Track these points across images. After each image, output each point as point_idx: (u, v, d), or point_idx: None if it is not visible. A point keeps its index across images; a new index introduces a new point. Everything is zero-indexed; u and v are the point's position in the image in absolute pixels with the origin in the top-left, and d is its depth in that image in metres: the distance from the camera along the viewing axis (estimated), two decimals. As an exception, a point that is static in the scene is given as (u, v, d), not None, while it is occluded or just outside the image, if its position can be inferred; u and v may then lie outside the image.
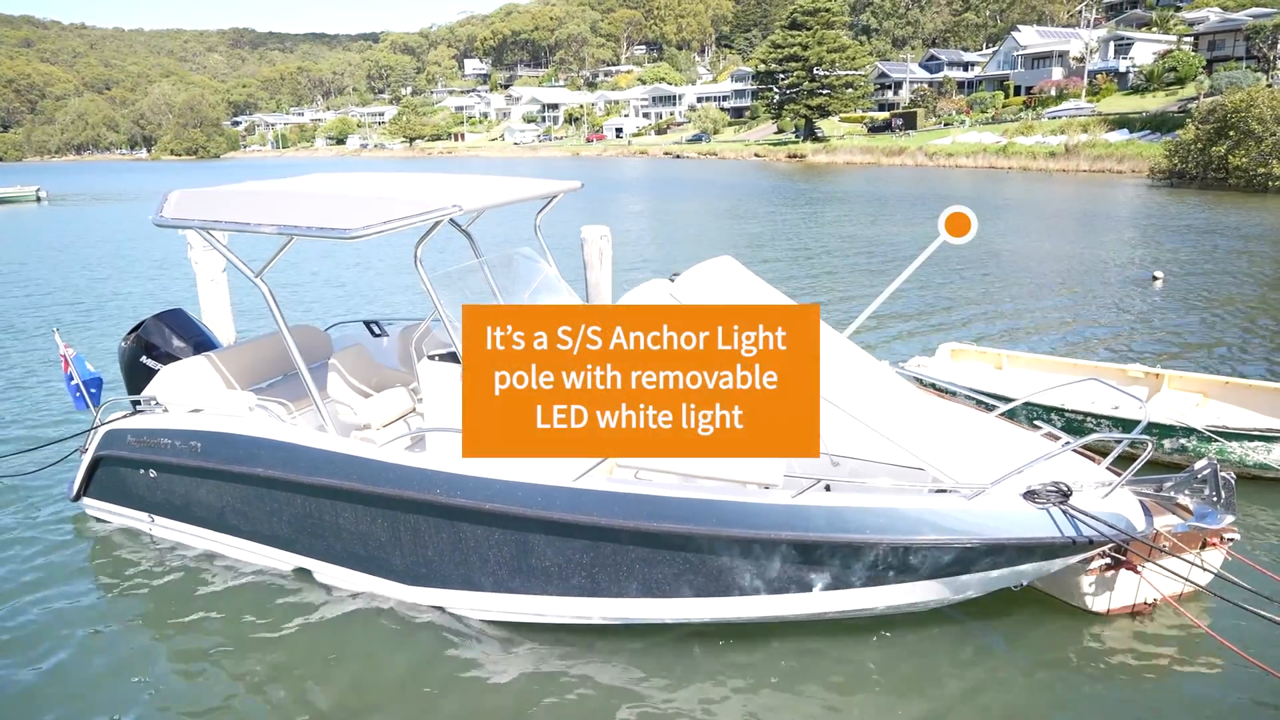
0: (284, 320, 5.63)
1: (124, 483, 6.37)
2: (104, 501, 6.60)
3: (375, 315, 8.53)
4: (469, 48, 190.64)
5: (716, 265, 5.53)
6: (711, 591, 4.74)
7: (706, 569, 4.67)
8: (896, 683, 4.69)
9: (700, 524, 4.51)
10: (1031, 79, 71.09)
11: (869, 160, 64.91)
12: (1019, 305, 14.44)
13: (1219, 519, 5.04)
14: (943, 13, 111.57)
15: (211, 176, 71.15)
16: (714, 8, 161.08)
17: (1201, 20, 66.85)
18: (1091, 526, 4.41)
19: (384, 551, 5.33)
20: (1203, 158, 37.94)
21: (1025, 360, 8.94)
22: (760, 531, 4.47)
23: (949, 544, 4.44)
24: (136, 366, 6.63)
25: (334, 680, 4.84)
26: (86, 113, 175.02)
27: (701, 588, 4.74)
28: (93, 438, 6.43)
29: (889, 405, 5.05)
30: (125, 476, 6.32)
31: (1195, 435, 6.96)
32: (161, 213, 5.75)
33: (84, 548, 6.46)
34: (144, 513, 6.38)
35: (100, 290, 18.00)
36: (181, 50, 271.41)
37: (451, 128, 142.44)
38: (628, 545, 4.71)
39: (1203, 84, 53.20)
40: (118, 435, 6.21)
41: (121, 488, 6.41)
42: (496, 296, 6.11)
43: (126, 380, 6.76)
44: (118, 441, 6.20)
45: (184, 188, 6.04)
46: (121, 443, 6.18)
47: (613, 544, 4.73)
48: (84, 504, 6.77)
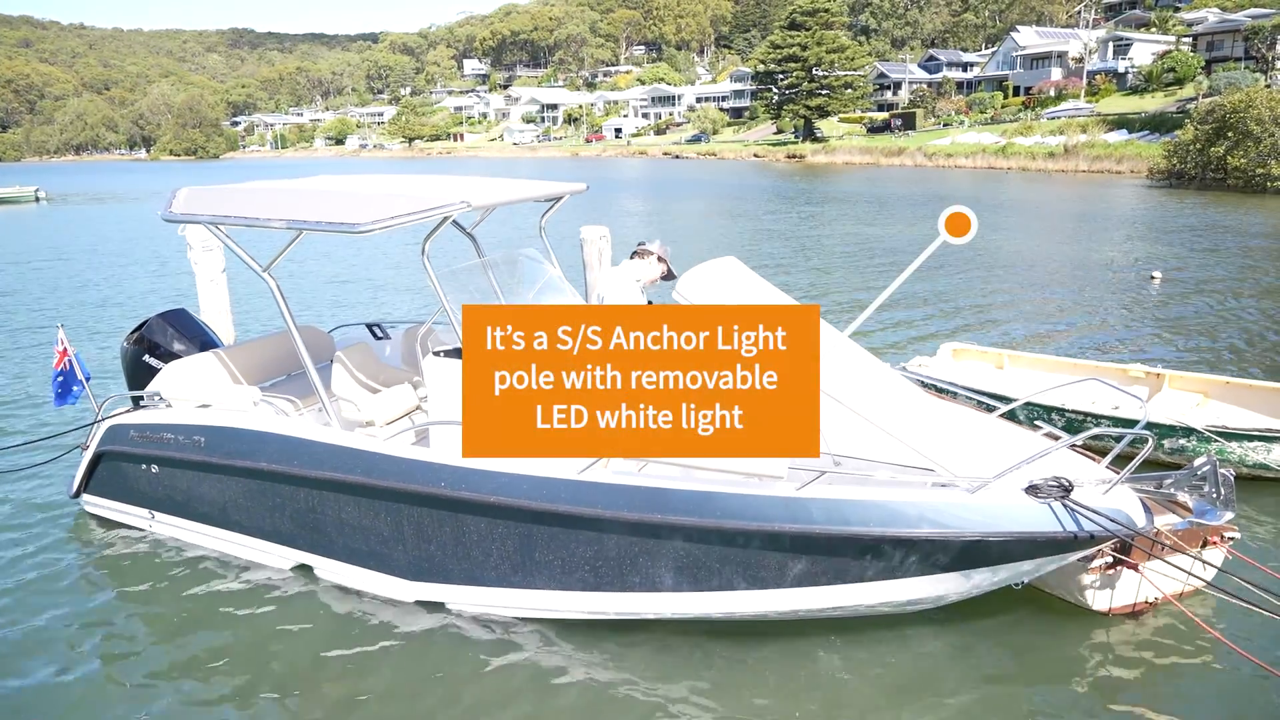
0: (291, 315, 5.67)
1: (125, 479, 6.36)
2: (105, 498, 6.59)
3: (376, 318, 8.55)
4: (468, 48, 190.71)
5: (720, 265, 5.53)
6: (714, 585, 4.74)
7: (709, 562, 4.67)
8: (894, 680, 4.69)
9: (703, 516, 4.50)
10: (1030, 79, 71.14)
11: (868, 160, 64.96)
12: (1018, 305, 14.44)
13: (1219, 516, 5.04)
14: (941, 13, 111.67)
15: (211, 177, 71.17)
16: (713, 8, 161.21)
17: (1200, 21, 66.94)
18: (1093, 521, 4.41)
19: (386, 546, 5.34)
20: (1201, 158, 37.98)
21: (1027, 360, 8.96)
22: (762, 524, 4.47)
23: (950, 537, 4.43)
24: (139, 365, 6.64)
25: (335, 676, 4.83)
26: (85, 113, 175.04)
27: (704, 582, 4.73)
28: (94, 434, 6.42)
29: (891, 402, 5.05)
30: (127, 472, 6.31)
31: (1195, 435, 6.96)
32: (170, 209, 5.81)
33: (83, 545, 6.45)
34: (145, 509, 6.37)
35: (98, 291, 17.98)
36: (180, 50, 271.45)
37: (450, 128, 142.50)
38: (631, 538, 4.71)
39: (1201, 84, 53.28)
40: (120, 431, 6.20)
41: (123, 484, 6.40)
42: (499, 296, 6.12)
43: (129, 379, 6.76)
44: (120, 437, 6.20)
45: (191, 186, 6.08)
46: (124, 438, 6.17)
47: (616, 536, 4.73)
48: (84, 500, 6.76)
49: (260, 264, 5.61)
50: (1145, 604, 5.18)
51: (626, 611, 4.99)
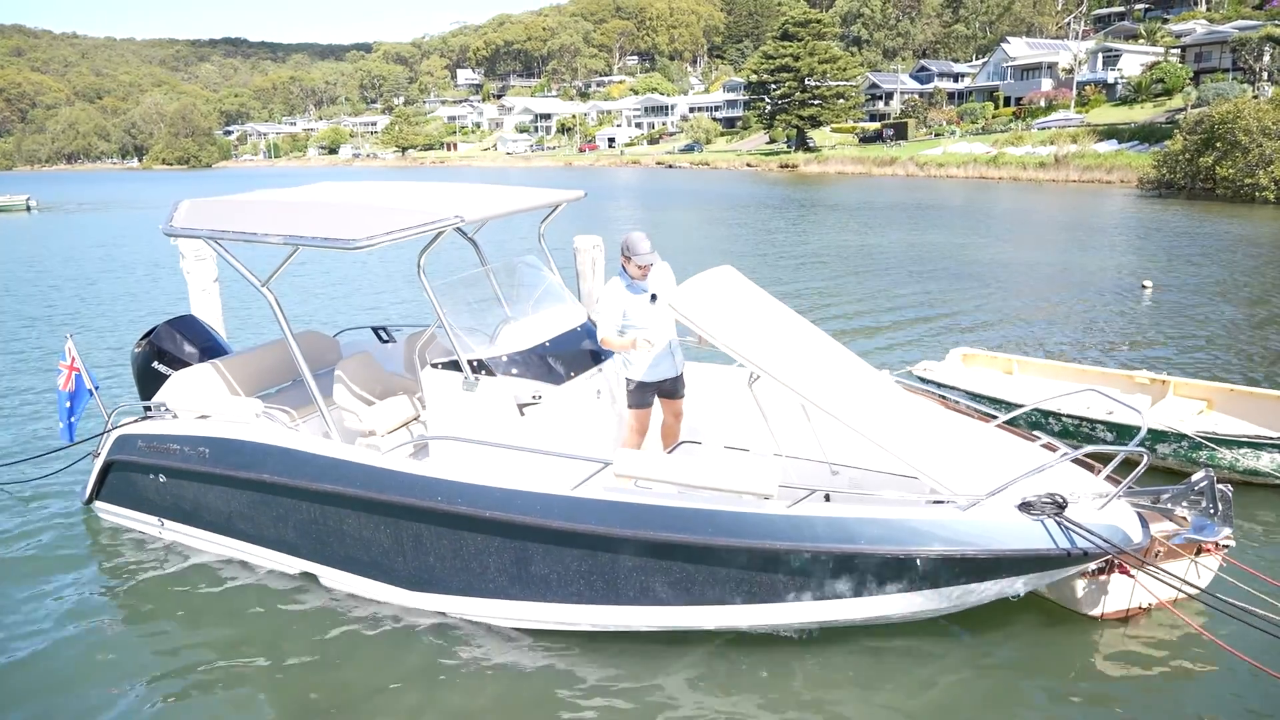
0: (289, 328, 5.70)
1: (134, 487, 6.47)
2: (115, 505, 6.72)
3: (388, 320, 8.57)
4: (462, 58, 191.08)
5: (717, 275, 5.51)
6: (706, 600, 4.73)
7: (702, 579, 4.67)
8: (887, 686, 4.69)
9: (696, 534, 4.51)
10: (1021, 90, 71.63)
11: (860, 170, 65.21)
12: (1012, 313, 14.50)
13: (1216, 532, 5.01)
14: (933, 24, 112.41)
15: (203, 186, 71.03)
16: (706, 19, 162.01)
17: (1188, 32, 67.50)
18: (1087, 539, 4.37)
19: (387, 558, 5.36)
20: (1190, 168, 38.23)
21: (1035, 366, 9.10)
22: (753, 542, 4.46)
23: (943, 555, 4.41)
24: (148, 371, 6.79)
25: (336, 684, 4.84)
26: (77, 122, 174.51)
27: (697, 596, 4.73)
28: (105, 442, 6.55)
29: (883, 413, 5.04)
30: (136, 481, 6.43)
31: (1186, 441, 7.04)
32: (172, 222, 5.87)
33: (95, 551, 6.57)
34: (154, 517, 6.47)
35: (94, 300, 17.92)
36: (174, 60, 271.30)
37: (444, 137, 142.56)
38: (625, 554, 4.71)
39: (1190, 95, 53.67)
40: (129, 440, 6.31)
41: (132, 492, 6.51)
42: (503, 304, 6.12)
43: (139, 385, 6.92)
44: (129, 446, 6.31)
45: (193, 197, 6.14)
46: (132, 448, 6.28)
47: (610, 553, 4.74)
48: (96, 507, 6.89)
49: (260, 278, 5.62)
50: (1139, 609, 5.21)
51: (622, 624, 5.00)
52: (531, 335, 5.61)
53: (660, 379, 5.87)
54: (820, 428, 5.46)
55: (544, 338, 5.65)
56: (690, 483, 4.50)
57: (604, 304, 5.74)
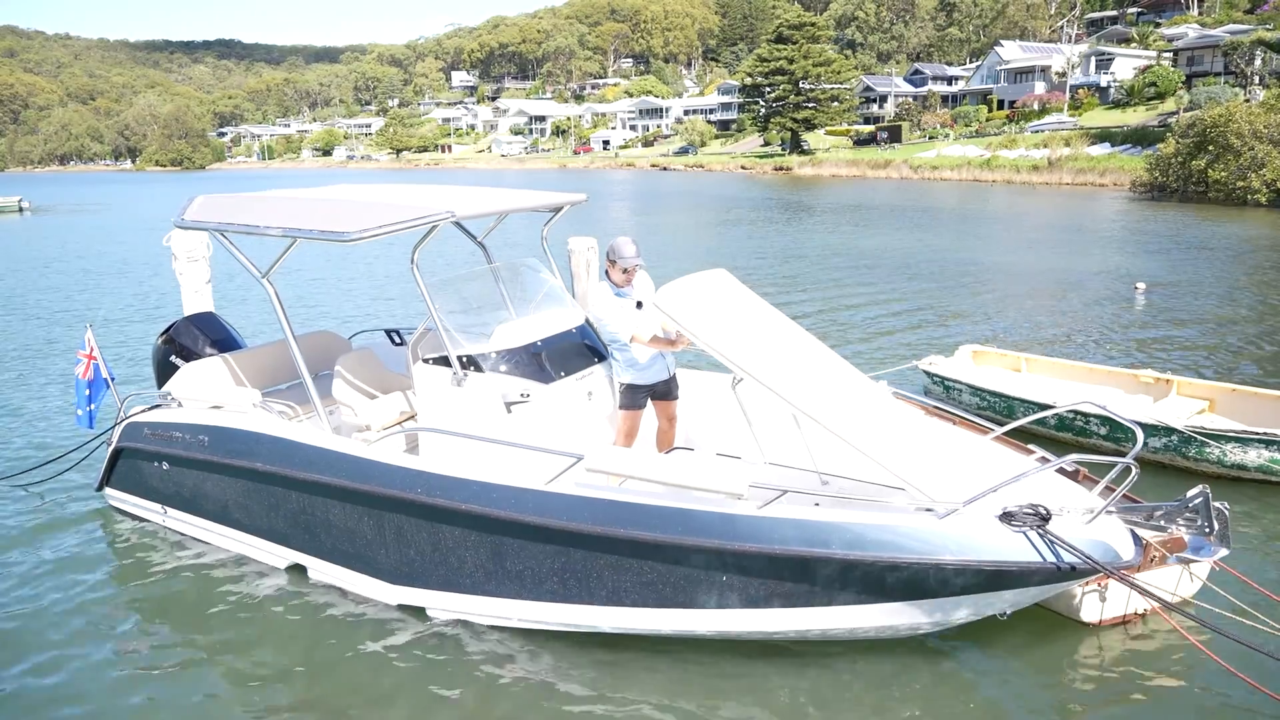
0: (288, 322, 5.84)
1: (141, 474, 6.66)
2: (123, 492, 6.92)
3: (404, 324, 8.66)
4: (456, 60, 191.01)
5: (708, 277, 5.46)
6: (676, 603, 4.66)
7: (671, 579, 4.60)
8: (879, 695, 4.66)
9: (666, 532, 4.45)
10: (1014, 93, 71.90)
11: (855, 173, 65.30)
12: (1007, 313, 14.52)
13: (1214, 552, 4.74)
14: (926, 28, 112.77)
15: (196, 188, 70.64)
16: (700, 22, 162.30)
17: (1180, 36, 67.82)
18: (1072, 554, 4.12)
19: (371, 550, 5.42)
20: (1183, 171, 38.38)
21: (1044, 364, 9.18)
22: (717, 542, 4.37)
23: (908, 563, 4.19)
24: (166, 365, 6.99)
25: (316, 677, 4.87)
26: (70, 123, 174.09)
27: (667, 598, 4.65)
28: (116, 430, 6.74)
29: (869, 420, 4.92)
30: (142, 468, 6.63)
31: (1176, 435, 7.13)
32: (184, 215, 6.12)
33: (102, 536, 6.78)
34: (158, 504, 6.66)
35: (93, 298, 17.84)
36: (167, 61, 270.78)
37: (438, 139, 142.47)
38: (596, 551, 4.68)
39: (1182, 99, 53.90)
40: (136, 428, 6.50)
41: (139, 479, 6.70)
42: (508, 304, 6.09)
43: (157, 377, 7.12)
44: (136, 434, 6.51)
45: (206, 194, 6.34)
46: (139, 435, 6.48)
47: (582, 549, 4.71)
48: (106, 494, 7.11)
49: (267, 271, 5.84)
50: (1134, 615, 5.19)
51: (595, 625, 4.96)
52: (524, 334, 5.63)
53: (653, 381, 5.86)
54: (811, 436, 5.42)
55: (536, 337, 5.66)
56: (661, 480, 4.46)
57: (609, 309, 5.73)
